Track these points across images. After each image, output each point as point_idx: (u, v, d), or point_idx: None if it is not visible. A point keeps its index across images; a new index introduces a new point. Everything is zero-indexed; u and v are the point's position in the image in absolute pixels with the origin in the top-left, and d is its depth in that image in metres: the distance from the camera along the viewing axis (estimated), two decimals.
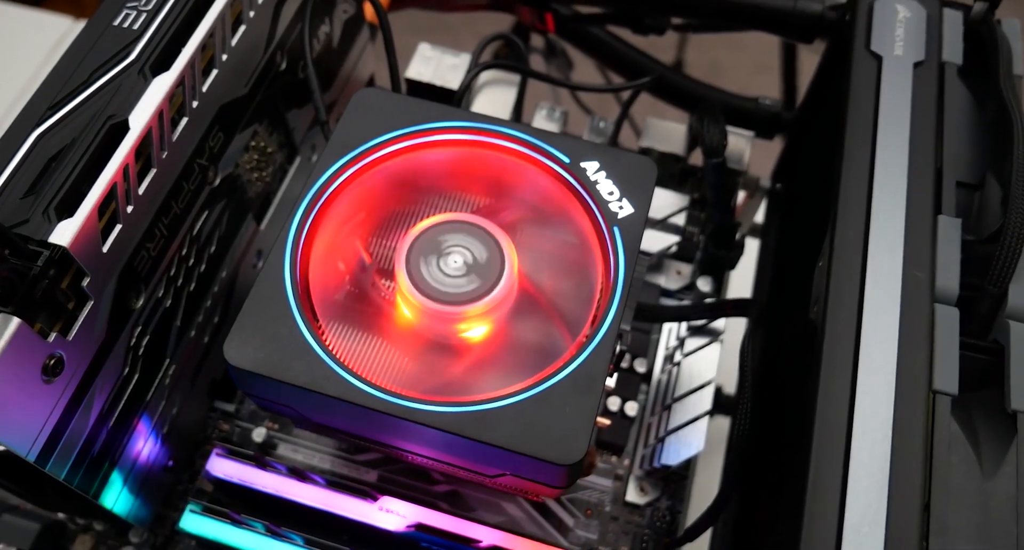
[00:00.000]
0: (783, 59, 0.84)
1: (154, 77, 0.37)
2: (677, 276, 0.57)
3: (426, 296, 0.38)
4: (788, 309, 0.47)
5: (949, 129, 0.40)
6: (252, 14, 0.44)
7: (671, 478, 0.50)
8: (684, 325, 0.53)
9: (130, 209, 0.37)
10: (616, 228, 0.39)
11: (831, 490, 0.32)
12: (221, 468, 0.45)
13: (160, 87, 0.37)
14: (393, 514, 0.44)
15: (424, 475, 0.48)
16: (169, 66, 0.38)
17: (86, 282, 0.35)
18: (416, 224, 0.40)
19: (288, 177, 0.54)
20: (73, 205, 0.34)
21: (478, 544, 0.43)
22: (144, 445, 0.44)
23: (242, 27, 0.43)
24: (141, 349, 0.41)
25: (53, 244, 0.33)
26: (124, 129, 0.36)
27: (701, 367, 0.51)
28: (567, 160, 0.41)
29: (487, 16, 0.68)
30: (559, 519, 0.48)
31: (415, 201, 0.42)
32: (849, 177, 0.39)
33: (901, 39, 0.44)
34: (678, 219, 0.56)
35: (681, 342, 0.52)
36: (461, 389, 0.37)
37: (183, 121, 0.40)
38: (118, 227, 0.37)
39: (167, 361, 0.44)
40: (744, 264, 0.58)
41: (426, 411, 0.35)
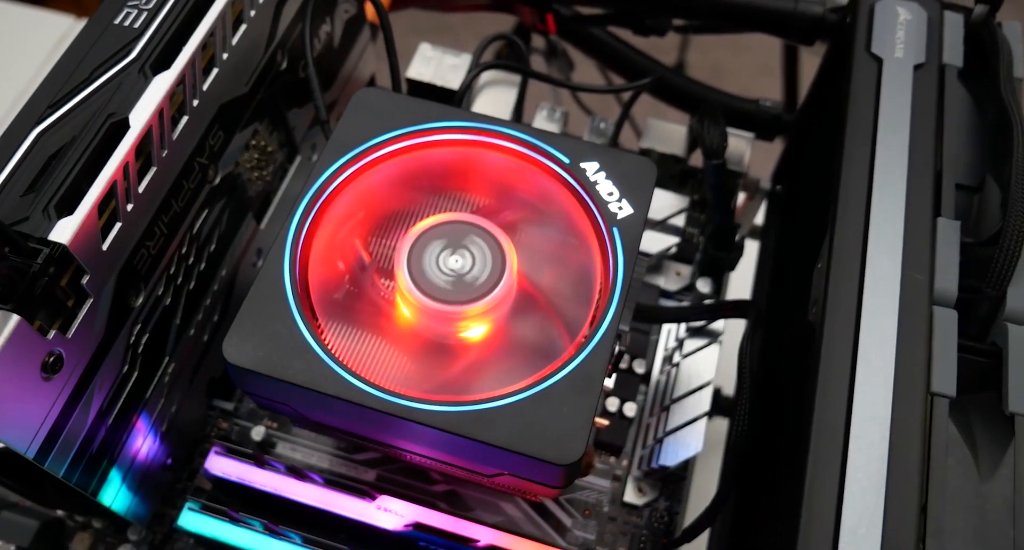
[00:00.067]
0: (785, 61, 0.84)
1: (155, 75, 0.37)
2: (676, 277, 0.57)
3: (425, 295, 0.38)
4: (787, 311, 0.47)
5: (949, 131, 0.40)
6: (253, 13, 0.44)
7: (669, 479, 0.50)
8: (683, 326, 0.53)
9: (130, 207, 0.37)
10: (615, 229, 0.39)
11: (828, 491, 0.32)
12: (220, 466, 0.45)
13: (161, 85, 0.37)
14: (391, 513, 0.44)
15: (422, 474, 0.48)
16: (170, 65, 0.38)
17: (86, 280, 0.35)
18: (416, 224, 0.40)
19: (288, 176, 0.54)
20: (73, 203, 0.34)
21: (476, 544, 0.43)
22: (143, 443, 0.44)
23: (243, 26, 0.43)
24: (140, 347, 0.41)
25: (53, 242, 0.33)
26: (124, 127, 0.36)
27: (700, 368, 0.51)
28: (567, 160, 0.41)
29: (488, 16, 0.68)
30: (557, 519, 0.48)
31: (415, 201, 0.42)
32: (849, 179, 0.39)
33: (902, 41, 0.44)
34: (678, 220, 0.56)
35: (680, 343, 0.52)
36: (460, 389, 0.37)
37: (183, 119, 0.40)
38: (118, 225, 0.37)
39: (166, 359, 0.44)
40: (744, 266, 0.58)
41: (424, 410, 0.35)
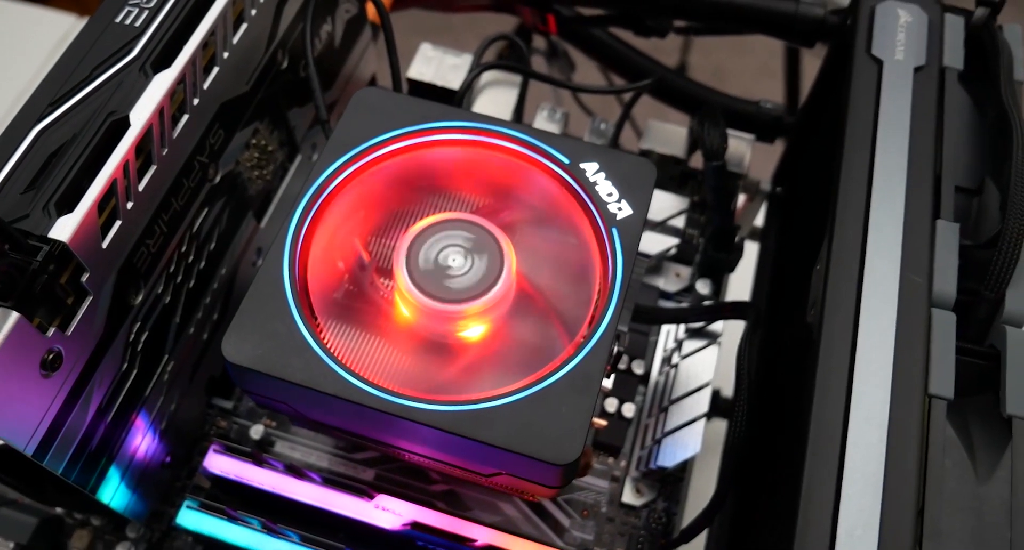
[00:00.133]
0: (786, 63, 0.84)
1: (155, 74, 0.37)
2: (676, 278, 0.57)
3: (424, 294, 0.38)
4: (786, 312, 0.47)
5: (949, 134, 0.40)
6: (254, 12, 0.44)
7: (667, 480, 0.50)
8: (682, 327, 0.53)
9: (130, 205, 0.37)
10: (615, 229, 0.39)
11: (825, 493, 0.32)
12: (218, 465, 0.45)
13: (161, 84, 0.37)
14: (389, 512, 0.44)
15: (421, 474, 0.49)
16: (170, 63, 0.38)
17: (85, 277, 0.35)
18: (415, 223, 0.40)
19: (288, 175, 0.54)
20: (73, 201, 0.34)
21: (473, 543, 0.43)
22: (142, 441, 0.44)
23: (244, 25, 0.44)
24: (140, 345, 0.41)
25: (53, 239, 0.33)
26: (125, 126, 0.36)
27: (699, 369, 0.51)
28: (567, 161, 0.41)
29: (489, 17, 0.68)
30: (555, 519, 0.48)
31: (414, 200, 0.42)
32: (848, 181, 0.39)
33: (902, 44, 0.44)
34: (678, 221, 0.56)
35: (679, 344, 0.52)
36: (458, 388, 0.37)
37: (184, 118, 0.40)
38: (118, 223, 0.37)
39: (166, 357, 0.44)
40: (743, 267, 0.58)
41: (423, 410, 0.35)
